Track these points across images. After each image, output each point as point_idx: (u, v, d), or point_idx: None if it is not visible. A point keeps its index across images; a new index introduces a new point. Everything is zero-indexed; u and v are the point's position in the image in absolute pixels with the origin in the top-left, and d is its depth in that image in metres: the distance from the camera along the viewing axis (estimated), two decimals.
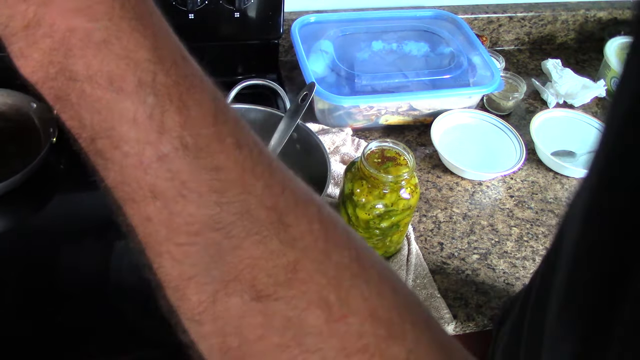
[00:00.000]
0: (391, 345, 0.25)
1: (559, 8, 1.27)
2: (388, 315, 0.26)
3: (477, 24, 1.24)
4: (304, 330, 0.25)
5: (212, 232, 0.25)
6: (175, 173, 0.25)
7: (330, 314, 0.25)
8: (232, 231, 0.25)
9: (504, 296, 0.82)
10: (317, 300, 0.25)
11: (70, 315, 0.74)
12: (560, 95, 1.15)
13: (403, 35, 1.09)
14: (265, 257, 0.25)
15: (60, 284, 0.78)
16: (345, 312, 0.25)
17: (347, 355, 0.25)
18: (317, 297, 0.25)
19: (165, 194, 0.25)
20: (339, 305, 0.25)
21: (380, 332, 0.25)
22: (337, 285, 0.26)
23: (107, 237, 0.82)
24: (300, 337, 0.25)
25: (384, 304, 0.26)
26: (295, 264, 0.25)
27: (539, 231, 0.92)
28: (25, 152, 0.87)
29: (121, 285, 0.78)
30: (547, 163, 1.02)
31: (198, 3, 0.94)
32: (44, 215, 0.87)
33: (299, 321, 0.25)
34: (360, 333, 0.25)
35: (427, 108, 1.03)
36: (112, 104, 0.25)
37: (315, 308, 0.25)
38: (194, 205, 0.25)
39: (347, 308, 0.25)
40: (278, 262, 0.25)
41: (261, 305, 0.25)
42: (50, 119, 0.90)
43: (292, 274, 0.25)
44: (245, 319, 0.25)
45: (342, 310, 0.25)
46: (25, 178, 0.84)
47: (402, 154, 0.76)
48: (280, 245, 0.25)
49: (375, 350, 0.25)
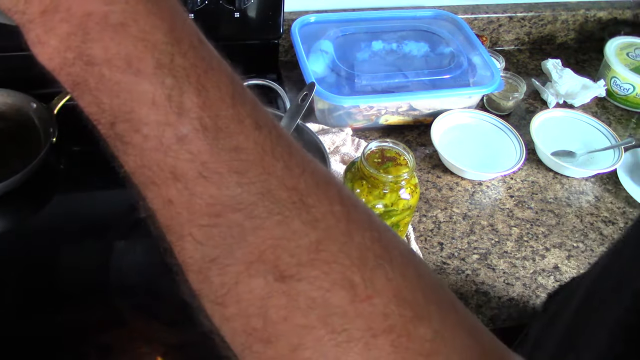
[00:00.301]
0: (417, 326, 0.25)
1: (559, 8, 1.27)
2: (413, 296, 0.26)
3: (477, 24, 1.24)
4: (328, 310, 0.25)
5: (234, 213, 0.25)
6: (195, 154, 0.25)
7: (355, 295, 0.25)
8: (254, 212, 0.25)
9: (503, 296, 0.82)
10: (341, 281, 0.25)
11: (70, 315, 0.74)
12: (560, 95, 1.15)
13: (403, 35, 1.09)
14: (288, 238, 0.25)
15: (60, 284, 0.78)
16: (370, 293, 0.25)
17: (373, 335, 0.25)
18: (340, 277, 0.25)
19: (186, 176, 0.25)
20: (364, 286, 0.25)
21: (406, 312, 0.25)
22: (360, 266, 0.25)
23: (107, 237, 0.82)
24: (325, 318, 0.25)
25: (408, 285, 0.26)
26: (318, 244, 0.25)
27: (539, 231, 0.92)
28: (25, 152, 0.87)
29: (121, 285, 0.78)
30: (547, 163, 1.02)
31: (198, 3, 0.93)
32: (43, 216, 0.87)
33: (324, 301, 0.25)
34: (385, 314, 0.25)
35: (427, 108, 1.03)
36: (131, 86, 0.25)
37: (339, 289, 0.25)
38: (214, 187, 0.25)
39: (372, 289, 0.25)
40: (300, 242, 0.25)
41: (285, 286, 0.25)
42: (50, 119, 0.90)
43: (314, 255, 0.25)
44: (269, 300, 0.25)
45: (367, 291, 0.25)
46: (25, 178, 0.84)
47: (402, 154, 0.76)
48: (302, 226, 0.25)
49: (401, 331, 0.25)
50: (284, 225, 0.25)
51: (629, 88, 1.14)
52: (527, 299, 0.82)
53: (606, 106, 1.17)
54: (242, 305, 0.26)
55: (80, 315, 0.74)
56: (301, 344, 0.25)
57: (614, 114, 1.16)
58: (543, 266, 0.87)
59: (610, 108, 1.17)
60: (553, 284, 0.85)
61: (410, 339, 0.25)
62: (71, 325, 0.73)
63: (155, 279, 0.79)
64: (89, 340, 0.72)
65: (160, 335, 0.75)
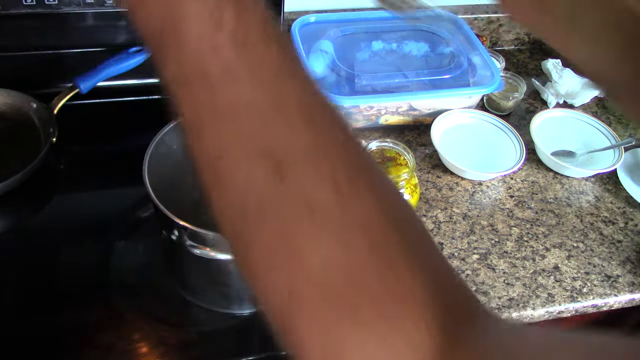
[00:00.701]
0: (391, 235, 0.29)
1: None
2: (392, 207, 0.31)
3: (477, 24, 1.24)
4: (315, 204, 0.29)
5: (250, 110, 0.29)
6: (224, 61, 0.29)
7: (340, 193, 0.29)
8: (266, 112, 0.29)
9: (503, 296, 0.82)
10: (329, 178, 0.29)
11: (70, 315, 0.74)
12: (560, 95, 1.15)
13: (403, 35, 1.09)
14: (290, 136, 0.29)
15: (60, 284, 0.78)
16: (353, 192, 0.29)
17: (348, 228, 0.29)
18: (330, 175, 0.29)
19: (214, 78, 0.29)
20: (348, 186, 0.29)
21: (383, 218, 0.30)
22: (348, 169, 0.30)
23: (107, 237, 0.83)
24: (313, 209, 0.29)
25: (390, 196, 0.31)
26: (316, 144, 0.29)
27: (539, 231, 0.92)
28: (25, 152, 0.87)
29: (121, 285, 0.78)
30: (547, 163, 1.02)
31: None
32: (43, 216, 0.87)
33: (313, 193, 0.29)
34: (366, 214, 0.29)
35: (427, 108, 1.03)
36: (181, 3, 0.29)
37: (327, 184, 0.29)
38: (236, 88, 0.29)
39: (356, 190, 0.29)
40: (300, 140, 0.29)
41: (280, 179, 0.29)
42: (50, 119, 0.90)
43: (312, 153, 0.29)
44: (266, 190, 0.29)
45: (351, 190, 0.29)
46: (25, 178, 0.84)
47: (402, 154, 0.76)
48: (304, 127, 0.30)
49: (378, 234, 0.29)
50: (287, 125, 0.29)
51: None
52: (527, 299, 0.82)
53: (606, 106, 1.17)
54: (240, 189, 0.30)
55: (80, 315, 0.74)
56: (290, 232, 0.29)
57: (614, 114, 1.16)
58: (543, 266, 0.87)
59: (610, 108, 1.17)
60: (553, 284, 0.85)
61: (387, 243, 0.29)
62: (71, 325, 0.73)
63: (155, 279, 0.79)
64: (89, 340, 0.72)
65: (160, 335, 0.75)
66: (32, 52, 0.97)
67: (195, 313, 0.77)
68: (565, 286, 0.85)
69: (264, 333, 0.78)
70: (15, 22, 0.92)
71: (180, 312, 0.77)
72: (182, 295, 0.77)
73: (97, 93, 0.94)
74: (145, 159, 0.71)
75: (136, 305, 0.76)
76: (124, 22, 0.96)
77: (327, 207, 0.28)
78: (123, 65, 0.94)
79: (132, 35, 0.98)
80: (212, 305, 0.77)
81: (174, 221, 0.66)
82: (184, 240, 0.65)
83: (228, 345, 0.74)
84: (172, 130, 0.77)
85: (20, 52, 0.97)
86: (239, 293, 0.76)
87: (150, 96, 1.02)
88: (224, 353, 0.73)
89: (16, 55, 0.97)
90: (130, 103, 1.01)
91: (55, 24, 0.95)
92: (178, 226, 0.66)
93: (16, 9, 0.89)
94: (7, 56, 0.96)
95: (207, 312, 0.77)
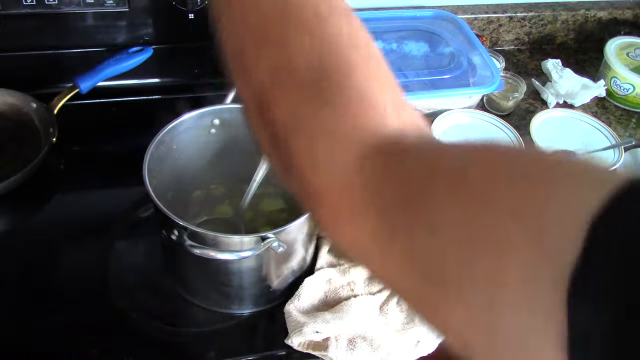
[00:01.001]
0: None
1: (559, 8, 1.27)
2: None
3: (477, 24, 1.23)
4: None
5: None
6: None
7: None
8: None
9: None
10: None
11: (70, 315, 0.74)
12: (560, 95, 1.15)
13: (403, 35, 1.09)
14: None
15: (60, 284, 0.78)
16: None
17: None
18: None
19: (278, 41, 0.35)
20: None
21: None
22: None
23: (107, 237, 0.82)
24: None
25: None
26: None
27: None
28: (25, 152, 0.87)
29: (121, 285, 0.78)
30: None
31: (198, 3, 0.94)
32: (43, 216, 0.87)
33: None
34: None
35: (427, 108, 1.03)
36: None
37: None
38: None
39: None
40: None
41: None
42: (50, 119, 0.90)
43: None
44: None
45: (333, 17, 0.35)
46: (25, 178, 0.84)
47: None
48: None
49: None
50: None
51: (629, 88, 1.14)
52: None
53: (606, 106, 1.17)
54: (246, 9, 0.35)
55: (80, 315, 0.74)
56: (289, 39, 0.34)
57: (614, 114, 1.16)
58: None
59: (610, 108, 1.17)
60: None
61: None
62: (71, 325, 0.73)
63: (155, 279, 0.79)
64: (88, 340, 0.72)
65: (160, 335, 0.75)
66: (32, 52, 0.97)
67: (195, 313, 0.77)
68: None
69: (264, 333, 0.78)
70: (15, 22, 0.92)
71: (180, 312, 0.77)
72: (182, 295, 0.77)
73: (97, 93, 0.94)
74: (145, 159, 0.71)
75: (136, 305, 0.76)
76: (124, 22, 0.97)
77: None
78: (123, 65, 0.94)
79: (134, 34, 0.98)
80: (212, 305, 0.77)
81: (174, 221, 0.66)
82: (184, 240, 0.65)
83: (228, 345, 0.74)
84: (172, 130, 0.77)
85: (20, 52, 0.97)
86: (238, 293, 0.76)
87: (150, 96, 1.02)
88: (223, 353, 0.73)
89: (16, 55, 0.97)
90: (130, 103, 1.01)
91: (55, 24, 0.95)
92: (178, 226, 0.66)
93: (16, 9, 0.89)
94: (7, 56, 0.96)
95: (207, 312, 0.77)
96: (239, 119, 0.82)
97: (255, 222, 0.83)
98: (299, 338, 0.71)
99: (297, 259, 0.76)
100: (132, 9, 0.94)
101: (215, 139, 0.83)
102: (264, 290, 0.76)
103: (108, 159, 0.94)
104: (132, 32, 0.98)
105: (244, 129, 0.37)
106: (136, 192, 0.82)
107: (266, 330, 0.77)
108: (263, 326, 0.77)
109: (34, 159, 0.84)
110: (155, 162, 0.74)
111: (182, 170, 0.82)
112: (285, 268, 0.75)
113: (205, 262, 0.68)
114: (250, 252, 0.67)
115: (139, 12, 0.95)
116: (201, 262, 0.69)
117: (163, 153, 0.76)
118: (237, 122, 0.81)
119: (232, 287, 0.75)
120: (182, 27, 0.98)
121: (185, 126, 0.79)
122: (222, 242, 0.67)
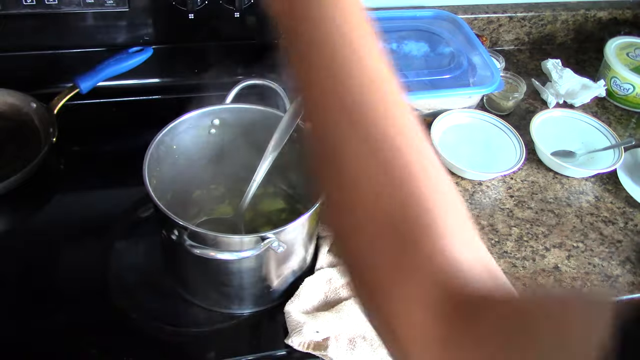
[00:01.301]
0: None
1: (559, 8, 1.27)
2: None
3: (477, 24, 1.24)
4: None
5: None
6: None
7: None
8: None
9: None
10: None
11: (70, 315, 0.74)
12: (560, 95, 1.15)
13: (403, 35, 1.09)
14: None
15: (60, 284, 0.78)
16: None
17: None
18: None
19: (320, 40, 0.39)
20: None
21: None
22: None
23: (107, 237, 0.82)
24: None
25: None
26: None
27: (539, 231, 0.92)
28: (25, 152, 0.87)
29: (121, 285, 0.78)
30: (547, 163, 1.02)
31: (198, 3, 0.94)
32: (43, 216, 0.87)
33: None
34: None
35: (427, 108, 1.03)
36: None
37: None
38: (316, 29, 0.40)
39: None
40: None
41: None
42: (50, 119, 0.90)
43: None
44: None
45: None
46: (25, 178, 0.84)
47: None
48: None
49: None
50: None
51: (629, 88, 1.14)
52: None
53: (606, 106, 1.17)
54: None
55: (80, 315, 0.74)
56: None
57: (614, 114, 1.16)
58: (543, 266, 0.87)
59: (610, 108, 1.17)
60: (553, 284, 0.85)
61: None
62: (71, 325, 0.73)
63: (155, 279, 0.79)
64: (88, 340, 0.72)
65: (160, 335, 0.75)
66: (32, 52, 0.97)
67: (195, 313, 0.77)
68: (565, 286, 0.85)
69: (264, 333, 0.78)
70: (15, 22, 0.92)
71: (180, 312, 0.77)
72: (182, 295, 0.77)
73: (97, 93, 0.94)
74: (145, 159, 0.71)
75: (136, 305, 0.76)
76: (124, 22, 0.97)
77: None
78: (123, 65, 0.94)
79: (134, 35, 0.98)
80: (212, 305, 0.77)
81: (174, 221, 0.66)
82: (184, 240, 0.65)
83: (228, 345, 0.74)
84: (172, 130, 0.77)
85: (20, 52, 0.97)
86: (238, 293, 0.76)
87: (150, 96, 1.02)
88: (223, 353, 0.73)
89: (16, 55, 0.97)
90: (130, 103, 1.01)
91: (55, 24, 0.95)
92: (178, 226, 0.66)
93: (16, 9, 0.89)
94: (7, 56, 0.96)
95: (207, 312, 0.77)
96: (239, 119, 0.82)
97: (255, 222, 0.83)
98: (299, 338, 0.71)
99: (297, 259, 0.76)
100: (132, 9, 0.94)
101: (215, 139, 0.83)
102: (264, 290, 0.76)
103: (108, 159, 0.94)
104: (132, 32, 0.98)
105: (244, 129, 0.37)
106: (136, 192, 0.82)
107: (266, 330, 0.77)
108: (263, 326, 0.77)
109: (34, 159, 0.84)
110: (155, 162, 0.74)
111: (182, 170, 0.82)
112: (285, 268, 0.75)
113: (205, 262, 0.68)
114: (250, 252, 0.67)
115: (139, 12, 0.95)
116: (201, 262, 0.69)
117: (163, 153, 0.76)
118: (237, 122, 0.81)
119: (232, 287, 0.75)
120: (182, 27, 0.98)
121: (185, 126, 0.79)
122: (222, 242, 0.67)
